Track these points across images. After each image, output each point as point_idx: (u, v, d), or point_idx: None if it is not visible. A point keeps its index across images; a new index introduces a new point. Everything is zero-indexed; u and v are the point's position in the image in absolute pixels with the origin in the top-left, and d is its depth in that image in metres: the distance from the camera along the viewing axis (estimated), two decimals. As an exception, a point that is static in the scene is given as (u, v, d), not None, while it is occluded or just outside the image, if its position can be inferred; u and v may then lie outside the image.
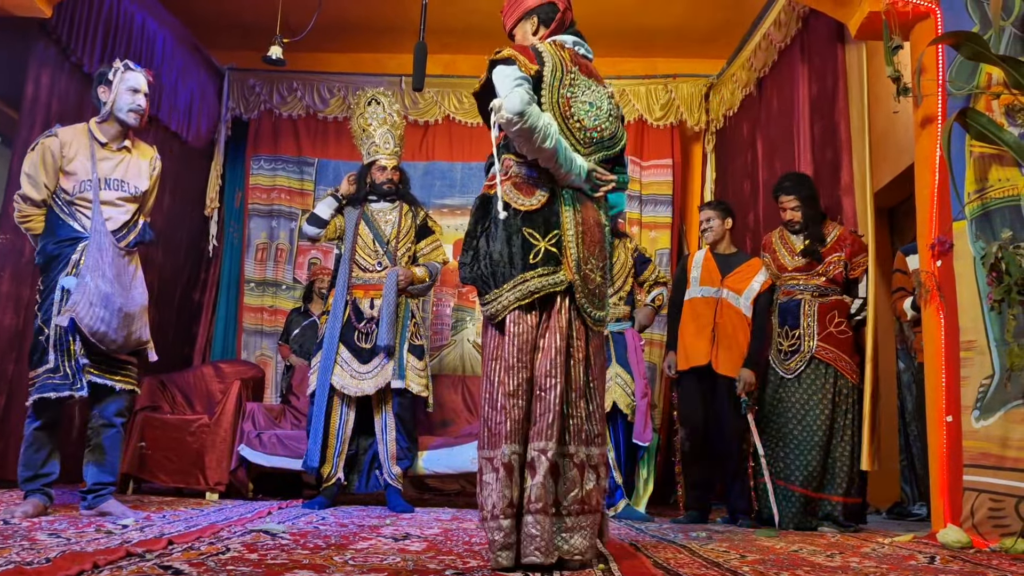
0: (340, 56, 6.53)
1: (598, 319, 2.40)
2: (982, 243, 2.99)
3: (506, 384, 2.26)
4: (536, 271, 2.32)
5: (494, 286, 2.35)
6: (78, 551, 2.15)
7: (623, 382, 4.15)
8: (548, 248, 2.35)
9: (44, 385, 3.20)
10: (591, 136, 2.49)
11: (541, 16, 2.68)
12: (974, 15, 3.16)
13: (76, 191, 3.31)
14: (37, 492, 3.25)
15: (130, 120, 3.40)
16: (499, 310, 2.32)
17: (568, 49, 2.57)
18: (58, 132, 3.37)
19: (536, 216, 2.38)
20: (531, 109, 2.31)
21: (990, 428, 2.91)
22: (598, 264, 2.45)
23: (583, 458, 2.28)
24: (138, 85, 3.42)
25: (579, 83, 2.50)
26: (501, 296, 2.32)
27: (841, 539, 3.25)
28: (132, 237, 3.40)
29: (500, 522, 2.16)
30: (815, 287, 3.92)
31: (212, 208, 6.22)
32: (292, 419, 4.93)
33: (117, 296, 3.25)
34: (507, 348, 2.30)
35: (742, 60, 5.66)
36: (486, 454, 2.26)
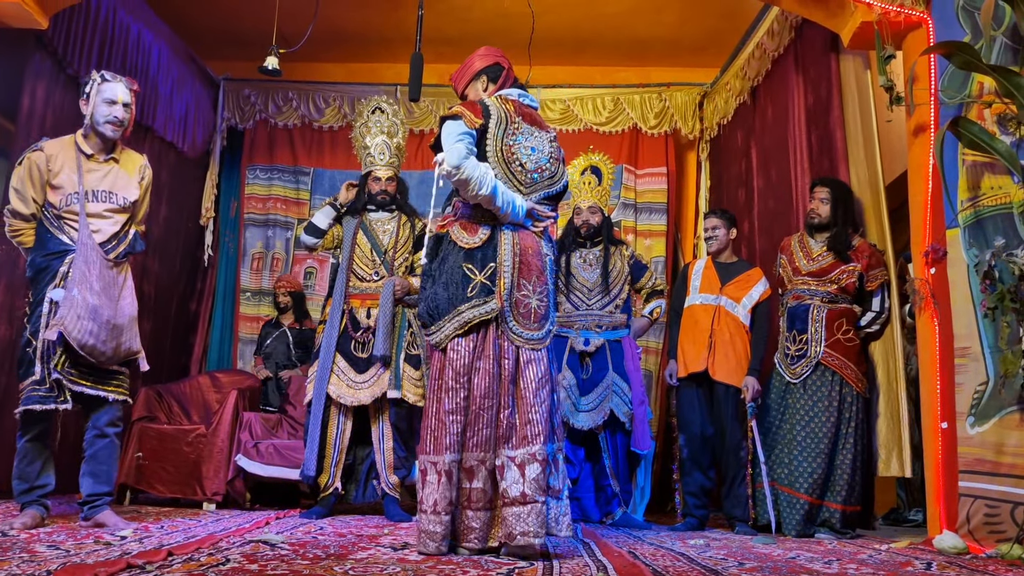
0: (335, 66, 6.54)
1: (531, 338, 2.73)
2: (975, 251, 3.02)
3: (444, 403, 2.65)
4: (471, 303, 2.70)
5: (437, 318, 2.73)
6: (78, 563, 2.15)
7: (620, 390, 4.16)
8: (483, 281, 2.72)
9: (29, 397, 3.20)
10: (532, 177, 2.87)
11: (490, 75, 3.07)
12: (965, 25, 3.19)
13: (63, 204, 3.30)
14: (34, 504, 3.24)
15: (107, 132, 3.36)
16: (441, 340, 2.71)
17: (512, 101, 2.93)
18: (44, 146, 3.35)
19: (476, 252, 2.75)
20: (466, 163, 2.68)
21: (985, 434, 2.94)
22: (534, 289, 2.77)
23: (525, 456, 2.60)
24: (114, 96, 3.35)
25: (522, 131, 2.87)
26: (443, 327, 2.71)
27: (838, 545, 3.27)
28: (122, 248, 3.38)
29: (441, 517, 2.59)
30: (825, 293, 3.93)
31: (208, 218, 6.22)
32: (289, 429, 4.93)
33: (105, 308, 3.24)
34: (447, 371, 2.67)
35: (735, 69, 5.70)
36: (431, 459, 2.65)
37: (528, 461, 2.60)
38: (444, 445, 2.62)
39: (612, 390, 4.15)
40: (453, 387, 2.65)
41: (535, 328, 2.74)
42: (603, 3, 5.65)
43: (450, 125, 2.80)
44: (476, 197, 2.70)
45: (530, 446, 2.60)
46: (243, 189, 6.34)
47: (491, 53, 3.13)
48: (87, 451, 3.37)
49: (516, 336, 2.70)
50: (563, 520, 2.68)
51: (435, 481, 2.61)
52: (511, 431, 2.64)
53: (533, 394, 2.66)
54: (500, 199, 2.72)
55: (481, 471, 2.62)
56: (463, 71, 3.14)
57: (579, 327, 4.27)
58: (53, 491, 3.34)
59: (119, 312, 3.32)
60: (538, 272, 2.78)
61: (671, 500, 5.48)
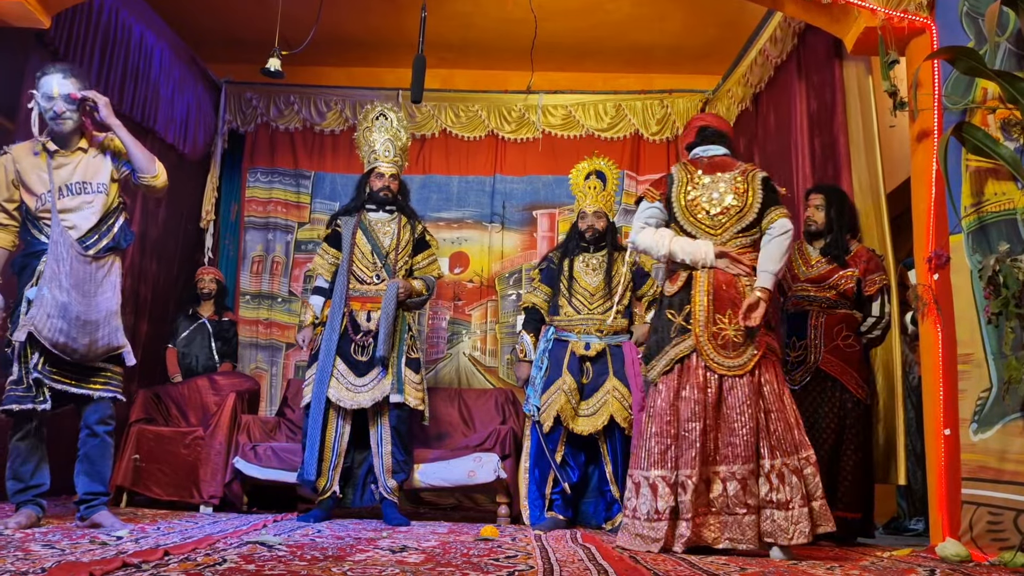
0: (337, 70, 6.54)
1: (731, 366, 3.07)
2: (979, 256, 3.00)
3: (652, 427, 3.08)
4: (672, 343, 3.15)
5: (651, 359, 3.22)
6: (73, 561, 2.13)
7: (620, 395, 4.14)
8: (681, 323, 3.15)
9: (9, 397, 3.20)
10: (719, 220, 3.23)
11: (688, 149, 3.54)
12: (969, 31, 3.18)
13: (38, 206, 3.29)
14: (29, 503, 3.23)
15: (55, 127, 3.29)
16: (654, 376, 3.19)
17: (694, 161, 3.39)
18: (10, 149, 3.33)
19: (675, 298, 3.21)
20: (638, 237, 3.28)
21: (988, 441, 2.92)
22: (730, 321, 3.10)
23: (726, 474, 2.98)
24: (49, 90, 3.24)
25: (702, 183, 3.28)
26: (655, 366, 3.18)
27: (840, 552, 3.24)
28: (105, 243, 3.33)
29: (653, 524, 2.98)
30: (824, 299, 3.91)
31: (208, 220, 6.21)
32: (287, 432, 4.91)
33: (75, 305, 3.19)
34: (658, 401, 3.11)
35: (738, 76, 5.70)
36: (644, 473, 3.06)
37: (729, 478, 2.96)
38: (653, 462, 3.03)
39: (613, 395, 4.13)
40: (660, 414, 3.07)
41: (734, 356, 3.07)
42: (605, 10, 5.66)
43: (639, 208, 3.38)
44: (661, 259, 3.25)
45: (731, 465, 2.97)
46: (244, 192, 6.33)
47: (691, 127, 3.59)
48: (80, 450, 3.36)
49: (717, 365, 3.06)
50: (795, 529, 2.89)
51: (649, 493, 3.01)
52: (715, 451, 3.01)
53: (734, 418, 3.01)
54: (680, 254, 3.18)
55: (689, 486, 2.95)
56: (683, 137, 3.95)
57: (580, 331, 4.25)
58: (48, 491, 3.32)
59: (93, 308, 3.25)
60: (732, 304, 3.11)
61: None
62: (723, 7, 5.40)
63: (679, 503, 2.96)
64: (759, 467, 2.97)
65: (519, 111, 6.31)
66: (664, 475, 2.99)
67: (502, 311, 6.14)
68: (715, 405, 3.04)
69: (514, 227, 6.26)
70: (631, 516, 3.07)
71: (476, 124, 6.32)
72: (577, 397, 4.15)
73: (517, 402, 5.17)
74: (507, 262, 6.22)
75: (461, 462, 4.44)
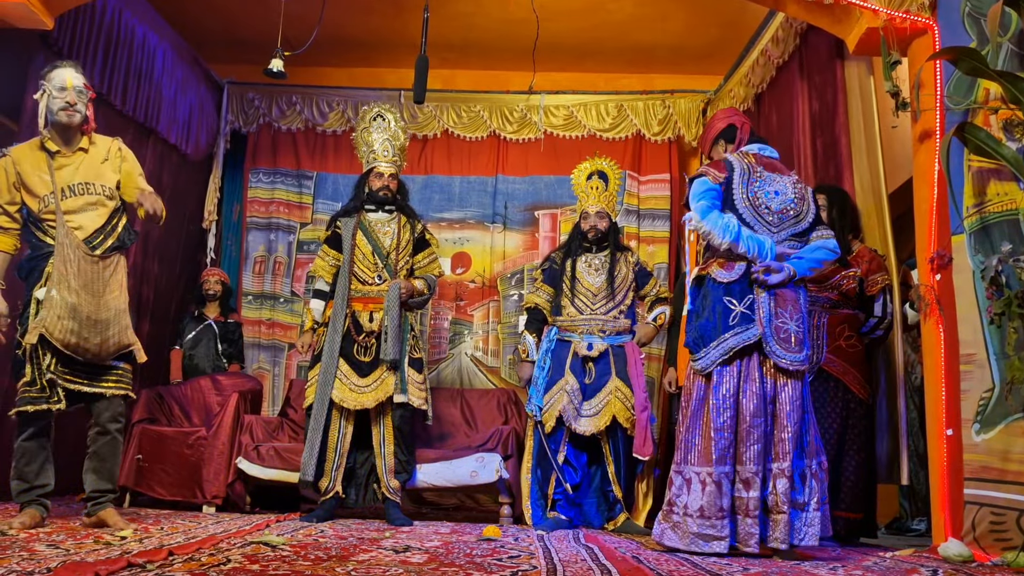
0: (339, 71, 6.55)
1: (793, 360, 3.00)
2: (981, 257, 3.01)
3: (714, 421, 2.97)
4: (733, 331, 3.02)
5: (703, 345, 3.05)
6: (78, 561, 2.14)
7: (623, 396, 4.14)
8: (743, 311, 3.03)
9: (22, 398, 3.21)
10: (779, 217, 3.18)
11: (726, 138, 3.46)
12: (971, 31, 3.19)
13: (42, 208, 3.30)
14: (33, 503, 3.23)
15: (63, 119, 3.29)
16: (707, 365, 3.03)
17: (753, 154, 3.29)
18: (9, 151, 3.33)
19: (734, 286, 3.07)
20: (707, 217, 3.11)
21: (991, 441, 2.92)
22: (791, 316, 3.05)
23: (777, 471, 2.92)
24: (63, 82, 3.28)
25: (764, 178, 3.21)
26: (709, 354, 3.03)
27: (842, 553, 3.24)
28: (110, 243, 3.35)
29: (713, 522, 2.89)
30: (826, 299, 3.91)
31: (210, 221, 6.21)
32: (290, 432, 4.91)
33: (85, 305, 3.22)
34: (715, 393, 3.00)
35: (739, 76, 5.70)
36: (695, 469, 2.98)
37: (779, 475, 2.92)
38: (713, 458, 2.93)
39: (615, 395, 4.13)
40: (721, 407, 2.98)
41: (796, 351, 3.02)
42: (607, 10, 5.66)
43: (696, 184, 3.23)
44: (722, 244, 3.09)
45: (781, 462, 2.93)
46: (246, 192, 6.33)
47: (726, 116, 3.51)
48: (89, 448, 3.37)
49: (780, 359, 2.99)
50: (807, 531, 2.92)
51: (700, 489, 2.94)
52: (770, 447, 2.97)
53: (786, 415, 2.97)
54: (744, 244, 3.07)
55: (756, 482, 2.91)
56: (705, 135, 3.57)
57: (583, 331, 4.25)
58: (52, 491, 3.33)
59: (102, 307, 3.28)
60: (792, 301, 3.08)
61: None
62: (725, 7, 5.41)
63: (747, 500, 2.90)
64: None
65: (521, 111, 6.31)
66: (727, 471, 2.93)
67: (504, 311, 6.14)
68: (771, 400, 3.01)
69: (516, 227, 6.26)
70: (682, 514, 2.97)
71: (478, 124, 6.33)
72: (580, 397, 4.15)
73: (519, 402, 5.17)
74: (509, 262, 6.23)
75: (463, 462, 4.44)
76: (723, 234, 3.08)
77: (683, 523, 2.96)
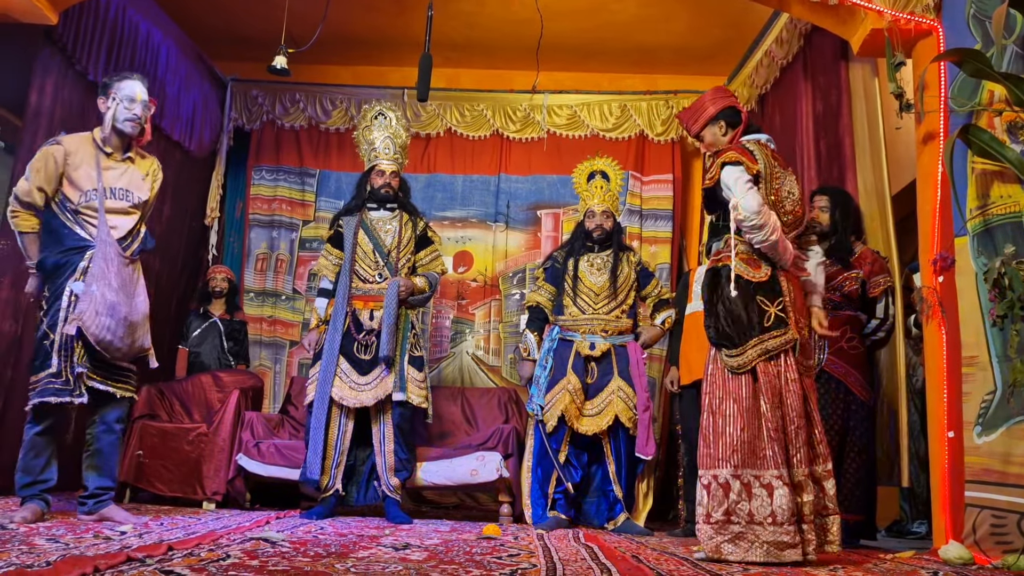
0: (343, 68, 6.55)
1: (808, 365, 2.97)
2: (984, 259, 3.00)
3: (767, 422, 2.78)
4: (771, 332, 2.86)
5: (739, 343, 2.87)
6: (78, 555, 2.14)
7: (625, 395, 4.14)
8: (777, 313, 2.88)
9: (45, 389, 3.21)
10: (792, 219, 3.01)
11: (727, 121, 3.13)
12: (976, 33, 3.18)
13: (82, 201, 3.36)
14: (35, 498, 3.24)
15: (127, 129, 3.43)
16: (743, 363, 2.85)
17: (769, 147, 3.04)
18: (62, 140, 3.41)
19: (764, 286, 2.91)
20: (764, 209, 2.85)
21: (992, 444, 2.91)
22: (806, 323, 3.00)
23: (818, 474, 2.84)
24: (133, 94, 3.43)
25: (779, 175, 2.99)
26: (746, 352, 2.86)
27: (842, 555, 3.23)
28: (136, 246, 3.46)
29: (787, 528, 2.67)
30: (829, 301, 3.90)
31: (212, 218, 6.21)
32: (291, 429, 4.92)
33: (122, 305, 3.31)
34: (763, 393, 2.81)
35: (743, 77, 5.70)
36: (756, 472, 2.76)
37: (825, 476, 2.85)
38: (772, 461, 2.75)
39: (617, 395, 4.13)
40: (768, 408, 2.80)
41: (812, 356, 3.03)
42: (611, 11, 5.66)
43: (732, 170, 2.92)
44: (765, 242, 2.87)
45: (826, 463, 2.86)
46: (248, 190, 6.33)
47: (724, 96, 3.20)
48: (92, 445, 3.41)
49: (803, 364, 2.93)
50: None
51: (767, 494, 2.71)
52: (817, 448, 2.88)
53: (816, 418, 2.91)
54: (781, 245, 2.90)
55: (810, 485, 2.78)
56: (697, 113, 3.20)
57: (585, 331, 4.25)
58: (54, 487, 3.34)
59: (134, 309, 3.39)
60: (803, 309, 3.02)
61: (673, 509, 5.45)
62: (729, 8, 5.40)
63: (801, 505, 2.74)
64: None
65: (524, 111, 6.31)
66: (779, 474, 2.73)
67: (506, 310, 6.14)
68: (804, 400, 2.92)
69: (518, 227, 6.26)
70: (746, 522, 2.71)
71: (481, 123, 6.33)
72: (582, 397, 4.15)
73: (520, 401, 5.17)
74: (511, 261, 6.23)
75: (464, 461, 4.44)
76: (771, 232, 2.86)
77: (748, 532, 2.71)
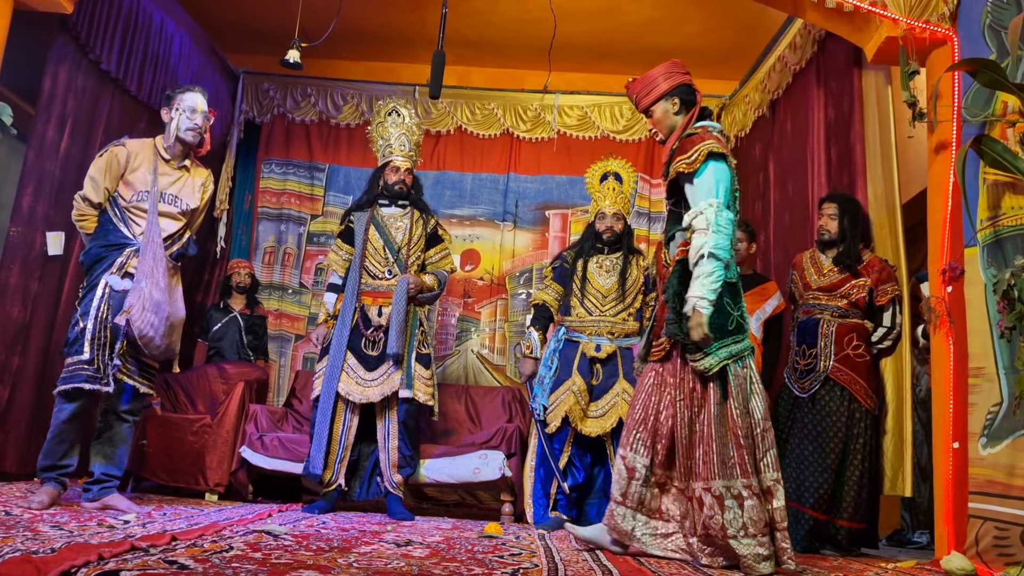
0: (355, 64, 6.56)
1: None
2: (994, 270, 2.99)
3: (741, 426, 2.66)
4: (733, 337, 2.72)
5: (705, 344, 2.68)
6: (82, 543, 2.15)
7: (630, 398, 4.13)
8: (739, 318, 2.75)
9: (78, 375, 3.29)
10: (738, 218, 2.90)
11: (682, 98, 2.96)
12: (991, 43, 3.17)
13: (133, 200, 3.49)
14: (53, 481, 3.31)
15: (188, 138, 3.59)
16: (711, 365, 2.70)
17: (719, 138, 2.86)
18: (127, 143, 3.58)
19: (733, 288, 2.77)
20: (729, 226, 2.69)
21: (997, 456, 2.90)
22: None
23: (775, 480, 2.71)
24: (195, 105, 3.60)
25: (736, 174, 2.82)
26: (716, 353, 2.70)
27: (844, 562, 3.23)
28: (176, 248, 3.58)
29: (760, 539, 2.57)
30: (835, 308, 3.89)
31: (221, 210, 6.22)
32: (294, 423, 4.93)
33: (167, 304, 3.42)
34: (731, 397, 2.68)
35: (755, 82, 5.69)
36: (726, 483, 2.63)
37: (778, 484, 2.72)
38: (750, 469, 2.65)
39: (622, 397, 4.13)
40: (742, 413, 2.69)
41: None
42: (624, 12, 5.66)
43: (718, 169, 2.74)
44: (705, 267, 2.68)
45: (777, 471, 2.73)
46: (258, 183, 6.35)
47: (680, 70, 3.00)
48: (103, 433, 3.49)
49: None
50: None
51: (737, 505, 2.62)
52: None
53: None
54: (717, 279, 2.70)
55: (779, 490, 2.68)
56: (650, 86, 3.01)
57: (592, 333, 4.25)
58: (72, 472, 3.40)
59: (176, 310, 3.52)
60: None
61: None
62: (743, 12, 5.39)
63: (773, 512, 2.66)
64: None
65: (535, 110, 6.31)
66: (748, 483, 2.64)
67: (512, 309, 6.14)
68: None
69: (526, 226, 6.26)
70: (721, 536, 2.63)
71: (491, 122, 6.33)
72: (587, 398, 4.15)
73: (524, 400, 5.17)
74: (518, 261, 6.23)
75: (467, 459, 4.44)
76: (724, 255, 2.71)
77: (727, 547, 2.64)
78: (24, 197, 4.18)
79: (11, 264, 4.13)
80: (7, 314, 4.11)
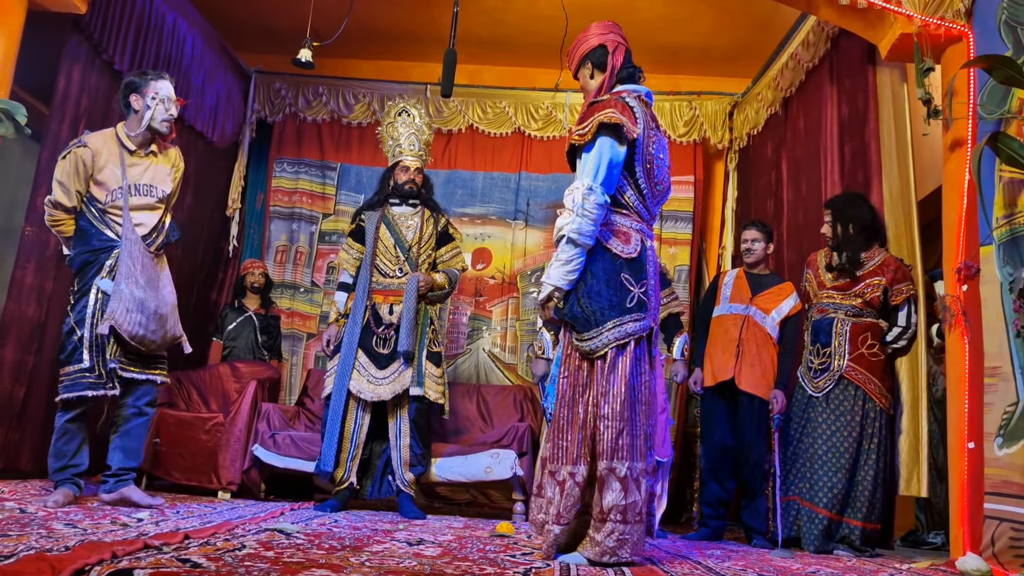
0: (366, 63, 6.56)
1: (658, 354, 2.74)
2: (1010, 269, 2.97)
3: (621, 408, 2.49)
4: (632, 315, 2.55)
5: (594, 325, 2.53)
6: (96, 541, 2.15)
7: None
8: (640, 296, 2.57)
9: (79, 384, 3.31)
10: (659, 189, 2.67)
11: (594, 61, 2.77)
12: (1007, 40, 3.14)
13: (108, 200, 3.45)
14: (67, 482, 3.33)
15: (163, 129, 3.55)
16: (598, 347, 2.53)
17: (645, 102, 2.68)
18: (87, 141, 3.47)
19: (634, 264, 2.58)
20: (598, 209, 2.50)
21: (1013, 456, 2.88)
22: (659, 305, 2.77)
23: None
24: (170, 94, 3.55)
25: (654, 138, 2.64)
26: (602, 335, 2.53)
27: (858, 563, 3.22)
28: (160, 239, 3.55)
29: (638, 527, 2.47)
30: (850, 307, 3.87)
31: (234, 209, 6.25)
32: (306, 421, 4.94)
33: (151, 300, 3.41)
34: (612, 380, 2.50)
35: (768, 79, 5.66)
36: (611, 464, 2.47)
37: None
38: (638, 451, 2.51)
39: (632, 396, 4.10)
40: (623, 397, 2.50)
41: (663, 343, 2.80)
42: (635, 10, 5.63)
43: (603, 146, 2.53)
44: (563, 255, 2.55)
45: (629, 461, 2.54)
46: (270, 182, 6.37)
47: (602, 31, 2.79)
48: (122, 427, 3.51)
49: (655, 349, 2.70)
50: None
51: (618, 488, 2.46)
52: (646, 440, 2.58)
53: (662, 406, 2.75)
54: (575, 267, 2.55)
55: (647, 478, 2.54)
56: (574, 49, 2.84)
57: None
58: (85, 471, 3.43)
59: (163, 301, 3.49)
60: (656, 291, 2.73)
61: (687, 511, 5.44)
62: (755, 10, 5.37)
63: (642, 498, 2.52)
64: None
65: (546, 109, 6.30)
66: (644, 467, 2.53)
67: (523, 308, 6.13)
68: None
69: (538, 225, 6.25)
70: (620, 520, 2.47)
71: (503, 121, 6.32)
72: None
73: (535, 399, 5.16)
74: (529, 259, 6.22)
75: (478, 458, 4.44)
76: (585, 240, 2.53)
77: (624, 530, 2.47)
78: (39, 196, 4.19)
79: (26, 263, 4.16)
80: (23, 313, 4.14)
